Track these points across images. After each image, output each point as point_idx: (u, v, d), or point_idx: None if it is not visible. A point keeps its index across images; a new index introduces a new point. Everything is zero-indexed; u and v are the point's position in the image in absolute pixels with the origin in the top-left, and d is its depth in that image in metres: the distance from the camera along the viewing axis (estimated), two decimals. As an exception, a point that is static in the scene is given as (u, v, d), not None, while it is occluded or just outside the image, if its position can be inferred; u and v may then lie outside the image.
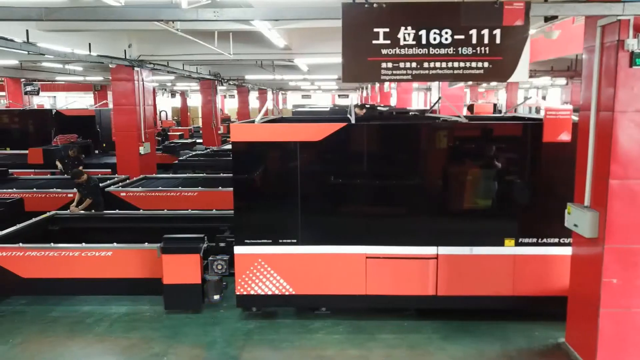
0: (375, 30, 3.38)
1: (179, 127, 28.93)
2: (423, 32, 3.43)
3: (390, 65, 3.46)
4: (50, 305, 6.52)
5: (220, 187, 10.40)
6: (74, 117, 17.36)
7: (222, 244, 6.41)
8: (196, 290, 6.19)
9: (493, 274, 5.87)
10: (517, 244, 5.82)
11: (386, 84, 21.50)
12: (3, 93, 23.22)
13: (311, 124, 5.87)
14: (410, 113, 9.54)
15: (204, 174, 12.48)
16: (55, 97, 36.80)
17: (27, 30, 8.06)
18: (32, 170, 13.64)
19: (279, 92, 43.71)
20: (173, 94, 38.41)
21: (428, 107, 16.45)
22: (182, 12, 4.35)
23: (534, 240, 5.82)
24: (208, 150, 17.95)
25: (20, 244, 6.46)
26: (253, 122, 6.06)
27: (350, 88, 40.89)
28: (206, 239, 6.38)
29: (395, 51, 3.45)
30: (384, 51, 3.43)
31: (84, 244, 6.45)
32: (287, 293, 6.00)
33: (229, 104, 48.24)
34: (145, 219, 8.36)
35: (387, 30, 3.40)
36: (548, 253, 5.82)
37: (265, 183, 5.95)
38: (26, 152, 14.81)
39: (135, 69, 12.32)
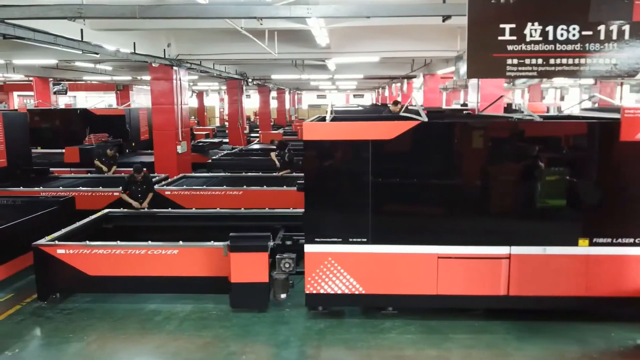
0: (502, 26, 3.36)
1: (200, 127, 29.03)
2: (550, 28, 3.39)
3: (515, 61, 3.43)
4: (114, 303, 6.53)
5: (265, 186, 10.42)
6: (104, 117, 17.44)
7: (288, 242, 6.39)
8: (264, 289, 6.18)
9: (566, 274, 5.80)
10: (591, 244, 5.75)
11: (419, 82, 21.22)
12: (31, 93, 23.44)
13: (384, 122, 5.83)
14: (464, 112, 9.46)
15: (244, 173, 12.44)
16: (75, 96, 37.02)
17: (81, 30, 8.09)
18: (69, 169, 13.71)
19: (295, 92, 43.71)
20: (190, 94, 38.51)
21: (463, 107, 16.29)
22: (275, 9, 4.34)
23: (609, 240, 5.74)
24: (238, 149, 17.98)
25: (87, 242, 6.49)
26: (323, 120, 6.03)
27: (366, 88, 40.89)
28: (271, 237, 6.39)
29: (522, 47, 3.42)
30: (509, 47, 3.41)
31: (150, 242, 6.46)
32: (357, 292, 5.97)
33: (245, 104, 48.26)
34: (198, 218, 8.37)
35: (513, 26, 3.38)
36: (623, 253, 5.74)
37: (336, 181, 5.92)
38: (59, 150, 14.93)
39: (174, 68, 12.37)
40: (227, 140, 21.14)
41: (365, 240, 5.87)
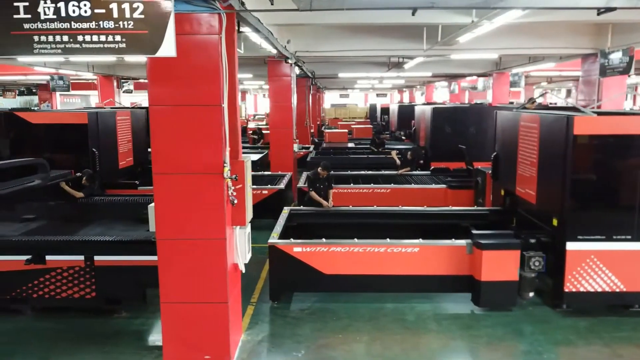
0: None
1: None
2: None
3: None
4: (344, 302, 6.40)
5: (412, 184, 10.30)
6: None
7: (532, 240, 6.27)
8: (513, 288, 6.06)
9: None
10: None
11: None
12: (74, 92, 23.15)
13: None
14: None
15: (365, 171, 12.28)
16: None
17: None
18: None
19: (322, 92, 43.47)
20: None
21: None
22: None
23: None
24: (315, 148, 17.80)
25: (324, 240, 6.33)
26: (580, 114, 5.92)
27: (399, 87, 40.69)
28: (511, 235, 6.27)
29: None
30: None
31: (388, 239, 6.31)
32: (617, 290, 5.87)
33: (263, 104, 47.60)
34: (374, 215, 8.19)
35: None
36: None
37: (604, 177, 5.82)
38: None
39: (292, 65, 12.20)
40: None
41: (629, 237, 5.77)
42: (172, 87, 4.52)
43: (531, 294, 6.16)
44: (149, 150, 12.45)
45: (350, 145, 19.22)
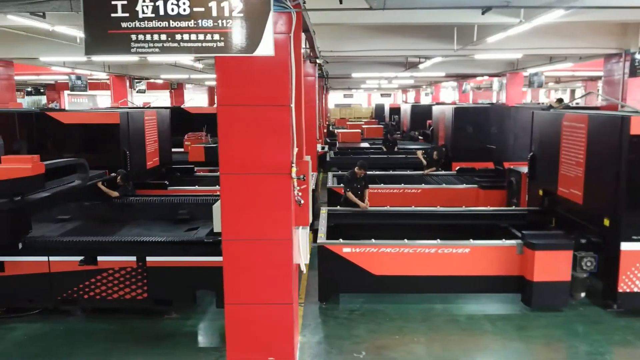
0: None
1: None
2: None
3: None
4: (392, 303, 6.37)
5: (444, 185, 10.28)
6: (199, 115, 17.16)
7: (583, 240, 6.24)
8: (565, 288, 6.05)
9: None
10: None
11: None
12: (98, 92, 23.07)
13: None
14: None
15: (385, 171, 12.25)
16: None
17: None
18: (206, 168, 13.34)
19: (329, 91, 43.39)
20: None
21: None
22: None
23: None
24: (337, 149, 17.75)
25: (374, 240, 6.30)
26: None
27: (405, 87, 40.71)
28: (561, 235, 6.25)
29: None
30: None
31: (438, 240, 6.28)
32: (672, 290, 5.87)
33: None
34: (411, 215, 8.15)
35: None
36: None
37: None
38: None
39: (316, 65, 12.15)
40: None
41: (683, 236, 5.77)
42: (241, 87, 4.47)
43: (582, 295, 6.15)
44: (173, 150, 12.58)
45: (365, 145, 19.18)
